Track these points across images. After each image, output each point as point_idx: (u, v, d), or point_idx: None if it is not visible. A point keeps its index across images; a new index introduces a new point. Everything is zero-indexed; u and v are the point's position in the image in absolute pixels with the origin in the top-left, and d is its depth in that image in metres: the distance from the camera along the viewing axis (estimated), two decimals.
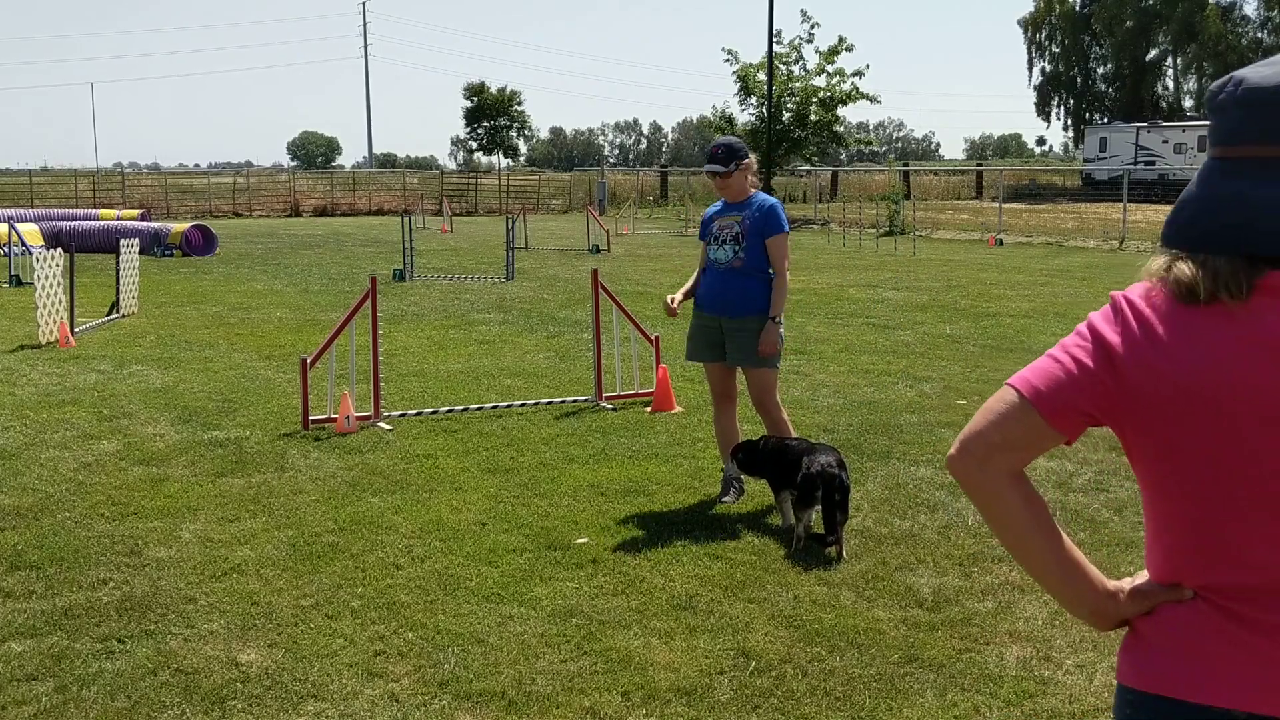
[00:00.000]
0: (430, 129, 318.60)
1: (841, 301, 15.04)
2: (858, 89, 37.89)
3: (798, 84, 38.30)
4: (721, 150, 5.91)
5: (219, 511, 5.84)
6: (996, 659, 4.11)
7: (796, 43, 38.25)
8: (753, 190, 5.99)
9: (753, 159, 6.03)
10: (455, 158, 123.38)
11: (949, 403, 8.49)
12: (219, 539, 5.40)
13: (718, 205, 6.08)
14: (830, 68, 37.87)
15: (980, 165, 79.91)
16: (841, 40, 37.62)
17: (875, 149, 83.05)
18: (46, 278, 11.25)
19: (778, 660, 4.09)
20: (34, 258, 11.75)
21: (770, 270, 5.88)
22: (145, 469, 6.63)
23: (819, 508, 5.23)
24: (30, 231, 21.40)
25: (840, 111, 38.63)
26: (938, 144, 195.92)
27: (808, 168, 43.04)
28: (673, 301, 6.12)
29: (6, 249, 18.65)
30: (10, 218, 21.58)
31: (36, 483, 6.32)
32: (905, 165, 56.95)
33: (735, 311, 5.88)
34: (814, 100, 38.12)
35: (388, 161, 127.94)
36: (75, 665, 4.05)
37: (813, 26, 37.94)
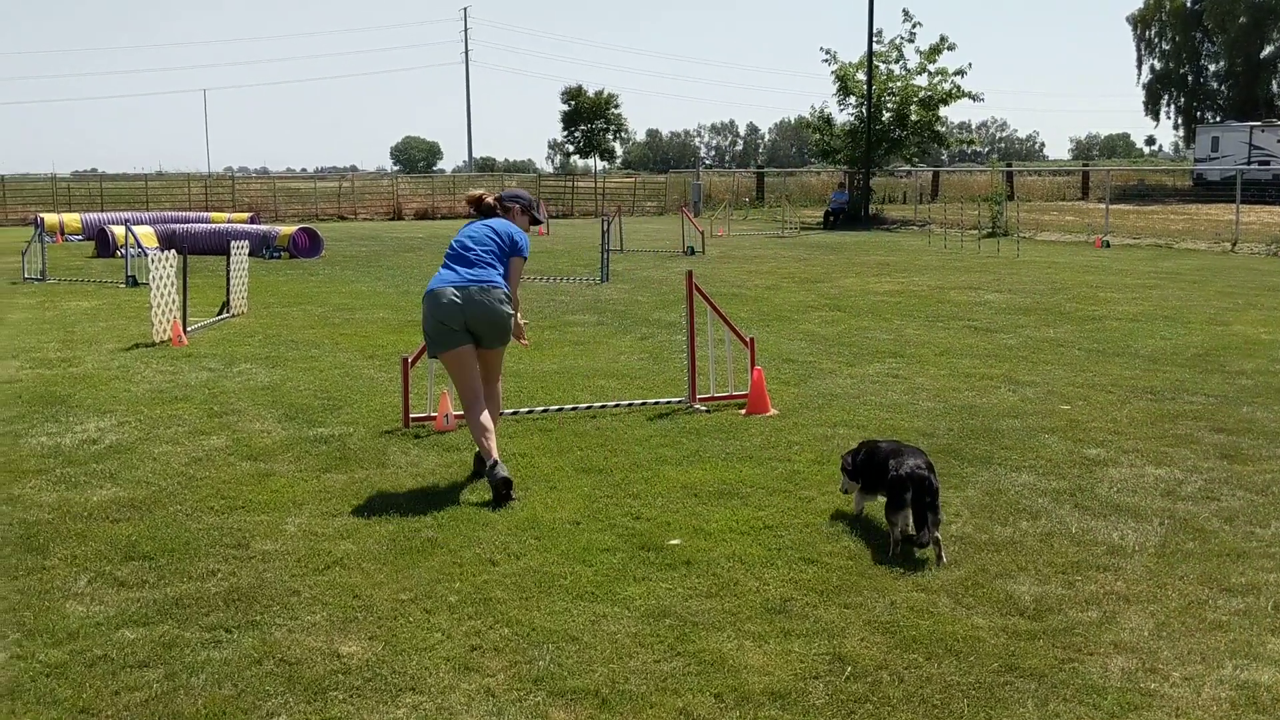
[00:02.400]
0: (528, 132, 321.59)
1: (941, 304, 14.79)
2: (959, 88, 37.29)
3: (898, 83, 37.83)
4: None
5: (322, 506, 5.97)
6: (1100, 670, 4.00)
7: (897, 42, 37.81)
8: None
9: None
10: (552, 160, 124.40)
11: (1052, 408, 8.30)
12: (322, 533, 5.53)
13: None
14: (932, 67, 37.36)
15: (1086, 165, 77.91)
16: (943, 39, 37.10)
17: (978, 149, 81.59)
18: (161, 278, 11.64)
19: (873, 666, 4.05)
20: (149, 259, 12.18)
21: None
22: (252, 464, 6.82)
23: (911, 510, 5.15)
24: (146, 234, 22.15)
25: (941, 111, 38.10)
26: (1042, 144, 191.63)
27: (908, 168, 42.50)
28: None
29: (124, 251, 19.34)
30: (127, 221, 22.40)
31: (149, 476, 6.54)
32: (1008, 165, 55.83)
33: None
34: (914, 100, 37.61)
35: (487, 165, 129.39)
36: (184, 653, 4.18)
37: (914, 26, 37.50)
